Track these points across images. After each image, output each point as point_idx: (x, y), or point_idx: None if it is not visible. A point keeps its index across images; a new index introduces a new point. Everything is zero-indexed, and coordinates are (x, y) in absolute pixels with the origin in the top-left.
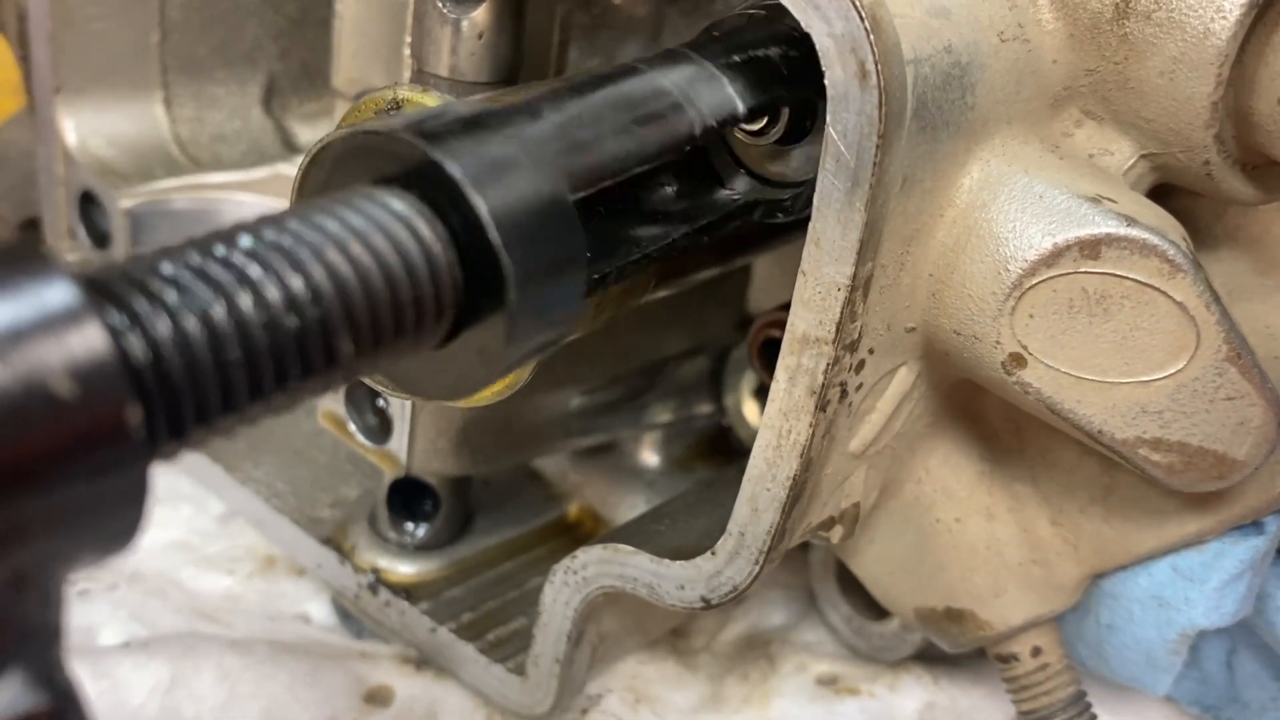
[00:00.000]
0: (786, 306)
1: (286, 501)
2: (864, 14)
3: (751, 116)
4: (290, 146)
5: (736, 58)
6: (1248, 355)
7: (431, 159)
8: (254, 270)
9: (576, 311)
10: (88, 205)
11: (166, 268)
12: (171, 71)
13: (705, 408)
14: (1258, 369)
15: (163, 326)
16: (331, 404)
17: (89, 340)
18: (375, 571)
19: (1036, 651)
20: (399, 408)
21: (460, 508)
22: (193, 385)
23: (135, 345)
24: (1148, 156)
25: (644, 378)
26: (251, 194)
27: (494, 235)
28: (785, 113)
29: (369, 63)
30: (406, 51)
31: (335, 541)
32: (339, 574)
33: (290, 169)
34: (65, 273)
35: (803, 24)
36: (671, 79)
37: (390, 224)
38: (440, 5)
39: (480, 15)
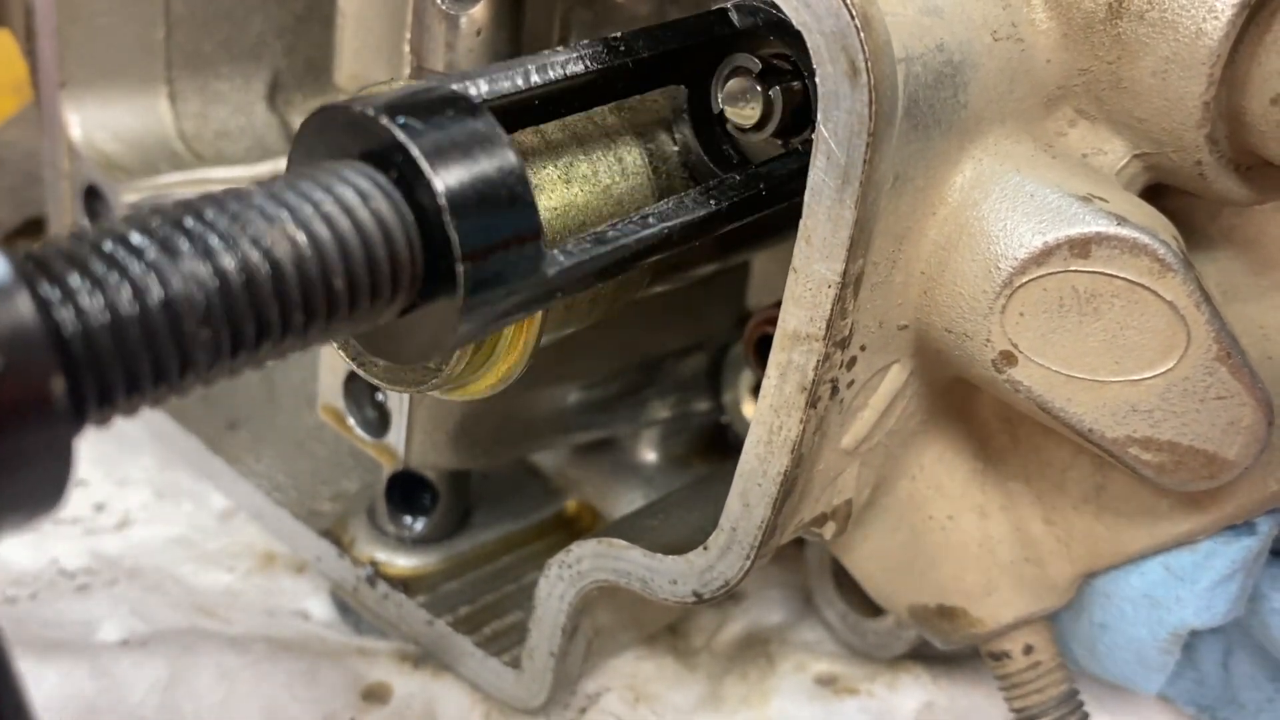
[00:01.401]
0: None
1: (287, 494)
2: (855, 12)
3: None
4: None
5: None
6: (1238, 355)
7: (395, 138)
8: (186, 246)
9: (532, 284)
10: (92, 199)
11: (106, 244)
12: (176, 67)
13: (704, 404)
14: (1248, 369)
15: (94, 300)
16: (331, 398)
17: (17, 312)
18: (373, 564)
19: (1028, 649)
20: (397, 401)
21: (458, 502)
22: (122, 356)
23: (66, 317)
24: (1141, 156)
25: (643, 374)
26: None
27: (446, 212)
28: (779, 108)
29: (371, 59)
30: (406, 48)
31: (334, 534)
32: (338, 566)
33: None
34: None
35: (794, 22)
36: None
37: (350, 199)
38: (439, 2)
39: (478, 12)
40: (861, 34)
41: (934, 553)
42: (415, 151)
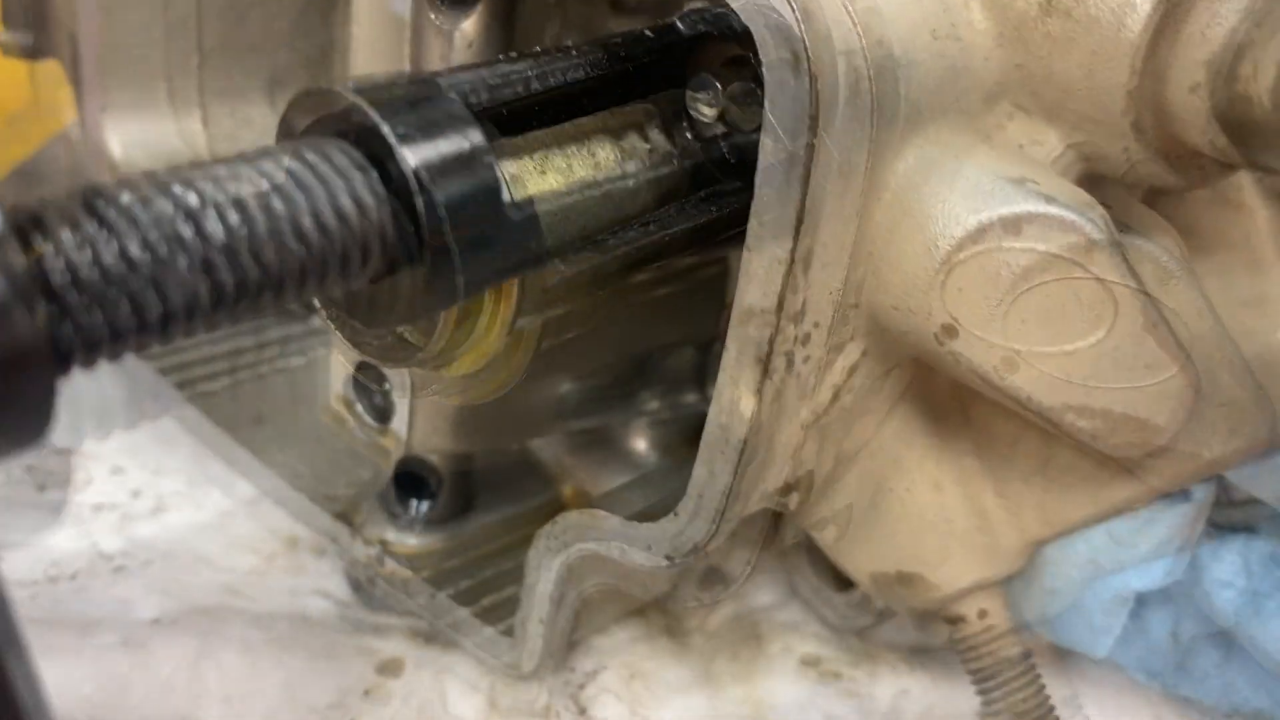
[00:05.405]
0: None
1: (307, 482)
2: (795, 6)
3: None
4: None
5: None
6: (1163, 326)
7: (370, 120)
8: (169, 206)
9: (510, 252)
10: None
11: (97, 202)
12: (209, 93)
13: (691, 396)
14: (1173, 338)
15: (82, 254)
16: (341, 388)
17: (7, 262)
18: (383, 544)
19: (983, 614)
20: (400, 391)
21: (462, 488)
22: (106, 306)
23: (55, 267)
24: (1073, 145)
25: (634, 368)
26: None
27: (417, 195)
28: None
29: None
30: (407, 63)
31: (348, 517)
32: (351, 546)
33: None
34: None
35: (741, 16)
36: None
37: (328, 174)
38: (434, 18)
39: (470, 26)
40: (802, 25)
41: (893, 522)
42: (386, 130)
